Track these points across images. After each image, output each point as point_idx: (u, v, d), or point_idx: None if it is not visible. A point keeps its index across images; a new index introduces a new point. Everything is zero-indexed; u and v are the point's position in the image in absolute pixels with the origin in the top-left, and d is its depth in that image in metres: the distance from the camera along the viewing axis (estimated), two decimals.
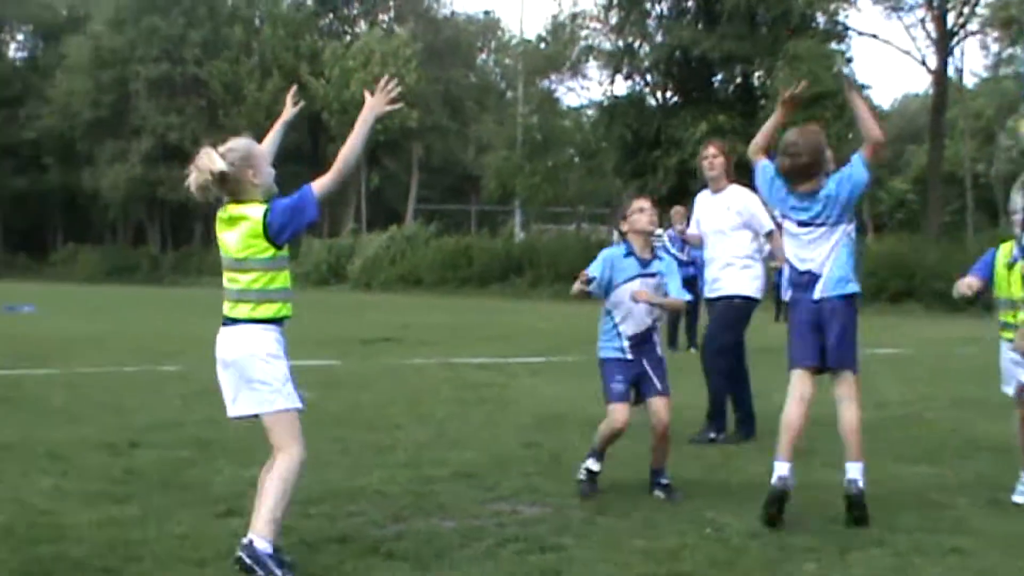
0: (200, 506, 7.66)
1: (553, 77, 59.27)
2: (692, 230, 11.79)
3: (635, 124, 50.81)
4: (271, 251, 6.11)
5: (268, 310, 6.15)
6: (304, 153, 70.61)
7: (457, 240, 55.08)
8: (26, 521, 7.16)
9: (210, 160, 6.08)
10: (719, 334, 11.16)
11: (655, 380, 8.33)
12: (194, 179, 6.11)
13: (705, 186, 11.48)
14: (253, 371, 6.10)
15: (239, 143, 6.28)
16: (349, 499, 7.77)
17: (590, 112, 58.74)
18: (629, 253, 8.44)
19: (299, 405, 6.21)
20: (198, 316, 25.94)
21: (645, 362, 8.36)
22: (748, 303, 11.10)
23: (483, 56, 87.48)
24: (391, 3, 77.80)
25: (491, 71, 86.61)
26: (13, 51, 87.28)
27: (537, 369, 17.49)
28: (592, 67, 57.34)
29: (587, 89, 60.58)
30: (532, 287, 47.75)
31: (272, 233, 6.07)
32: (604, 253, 8.56)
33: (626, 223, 8.44)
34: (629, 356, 8.34)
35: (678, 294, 8.54)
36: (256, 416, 6.21)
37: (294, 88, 7.60)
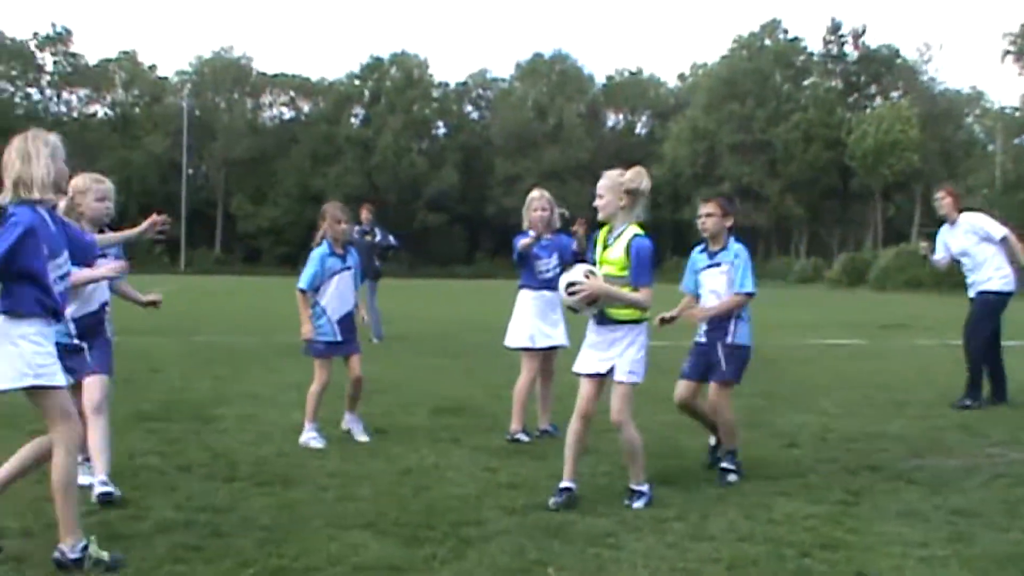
0: (771, 439, 7.61)
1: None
2: None
3: None
4: None
5: None
6: (832, 186, 69.59)
7: None
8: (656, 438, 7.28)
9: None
10: None
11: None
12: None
13: None
14: None
15: None
16: (878, 439, 7.46)
17: None
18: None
19: None
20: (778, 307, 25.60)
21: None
22: None
23: (969, 119, 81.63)
24: (900, 83, 74.57)
25: (974, 129, 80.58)
26: (639, 128, 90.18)
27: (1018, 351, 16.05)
28: None
29: None
30: None
31: None
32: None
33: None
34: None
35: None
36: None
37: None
